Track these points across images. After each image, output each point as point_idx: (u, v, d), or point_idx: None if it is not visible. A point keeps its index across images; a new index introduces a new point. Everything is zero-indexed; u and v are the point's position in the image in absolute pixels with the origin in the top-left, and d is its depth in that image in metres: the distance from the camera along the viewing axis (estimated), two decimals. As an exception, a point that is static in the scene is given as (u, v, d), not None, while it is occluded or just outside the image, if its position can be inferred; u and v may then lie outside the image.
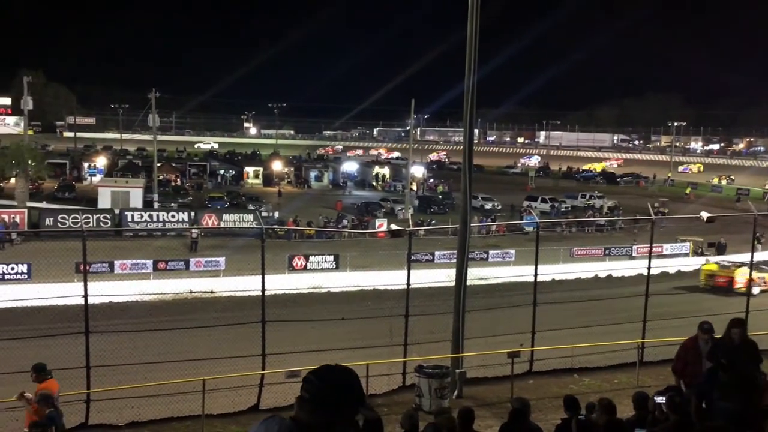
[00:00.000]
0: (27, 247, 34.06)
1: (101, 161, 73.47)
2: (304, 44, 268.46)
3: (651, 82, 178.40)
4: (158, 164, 61.31)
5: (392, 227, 34.93)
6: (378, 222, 50.49)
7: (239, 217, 47.41)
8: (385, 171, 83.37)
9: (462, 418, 7.85)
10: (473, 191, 17.38)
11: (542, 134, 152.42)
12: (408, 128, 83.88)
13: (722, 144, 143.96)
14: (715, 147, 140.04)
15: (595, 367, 17.43)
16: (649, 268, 19.27)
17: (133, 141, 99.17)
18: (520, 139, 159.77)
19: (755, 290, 27.97)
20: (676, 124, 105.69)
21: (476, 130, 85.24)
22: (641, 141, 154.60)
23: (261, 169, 78.37)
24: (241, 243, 35.46)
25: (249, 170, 77.62)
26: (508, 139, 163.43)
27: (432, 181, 79.00)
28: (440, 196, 65.76)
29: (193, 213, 47.62)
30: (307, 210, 53.29)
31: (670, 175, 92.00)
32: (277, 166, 79.62)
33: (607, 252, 42.17)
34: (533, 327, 17.39)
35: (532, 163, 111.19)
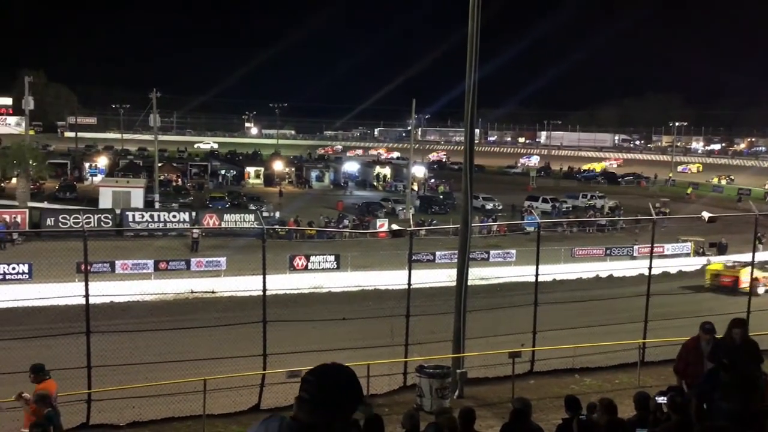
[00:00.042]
0: (28, 247, 34.06)
1: (102, 161, 73.44)
2: (306, 44, 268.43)
3: (652, 82, 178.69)
4: (159, 164, 61.28)
5: (393, 227, 34.88)
6: (379, 222, 50.49)
7: (240, 217, 47.42)
8: (386, 171, 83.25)
9: (463, 418, 7.85)
10: (474, 191, 17.36)
11: (543, 134, 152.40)
12: (409, 128, 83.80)
13: (723, 144, 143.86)
14: (717, 147, 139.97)
15: (597, 367, 17.43)
16: (650, 268, 19.28)
17: (134, 141, 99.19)
18: (521, 139, 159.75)
19: (760, 290, 28.03)
20: (677, 124, 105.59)
21: (477, 130, 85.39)
22: (642, 141, 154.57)
23: (262, 169, 78.36)
24: (242, 243, 35.44)
25: (250, 170, 77.64)
26: (509, 139, 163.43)
27: (433, 181, 78.92)
28: (441, 196, 65.70)
29: (194, 213, 47.65)
30: (308, 210, 53.27)
31: (671, 175, 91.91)
32: (278, 166, 79.58)
33: (609, 252, 42.14)
34: (534, 327, 17.39)
35: (531, 163, 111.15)
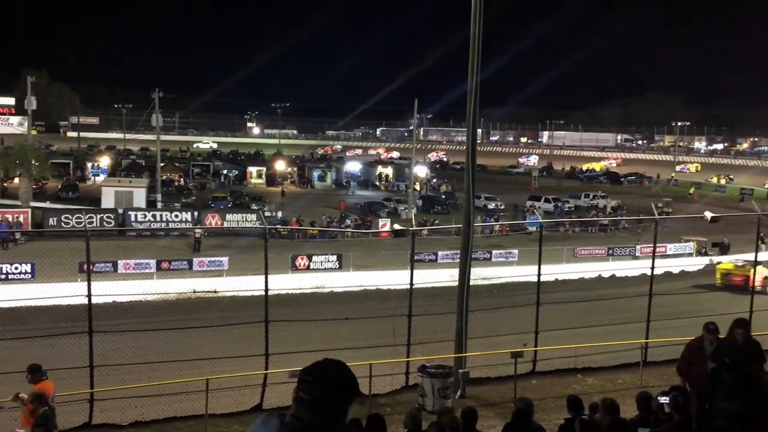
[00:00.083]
0: (31, 247, 34.07)
1: (105, 161, 73.43)
2: (308, 44, 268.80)
3: (654, 82, 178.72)
4: (161, 164, 61.32)
5: (395, 227, 34.99)
6: (381, 222, 50.48)
7: (242, 217, 47.44)
8: (388, 171, 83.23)
9: (465, 418, 7.85)
10: (476, 191, 17.33)
11: (545, 134, 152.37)
12: (411, 128, 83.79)
13: (726, 144, 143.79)
14: (719, 147, 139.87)
15: (599, 367, 17.40)
16: (652, 268, 19.27)
17: (137, 141, 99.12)
18: (524, 139, 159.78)
19: None
20: (679, 123, 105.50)
21: (479, 130, 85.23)
22: (644, 141, 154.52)
23: (264, 169, 78.32)
24: (245, 243, 35.48)
25: (252, 170, 77.61)
26: (512, 138, 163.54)
27: (435, 180, 78.88)
28: (443, 196, 65.69)
29: (196, 213, 47.66)
30: (310, 210, 53.25)
31: (673, 175, 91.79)
32: (280, 165, 79.55)
33: (611, 252, 42.13)
34: (536, 327, 17.39)
35: (530, 162, 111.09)
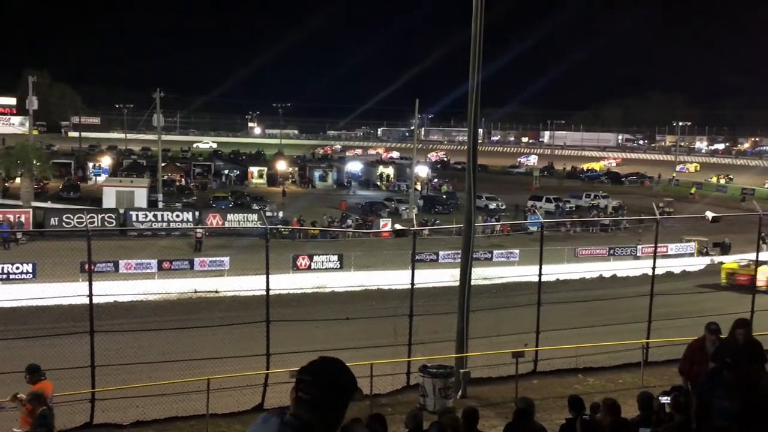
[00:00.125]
0: (32, 247, 34.12)
1: (106, 161, 73.51)
2: (309, 44, 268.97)
3: (655, 82, 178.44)
4: (163, 164, 61.41)
5: (396, 227, 35.00)
6: (382, 222, 50.50)
7: (243, 217, 47.48)
8: (389, 171, 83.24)
9: (466, 418, 7.85)
10: (477, 191, 17.33)
11: (546, 134, 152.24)
12: (412, 128, 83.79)
13: (727, 144, 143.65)
14: (720, 147, 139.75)
15: (600, 367, 17.39)
16: (654, 268, 19.27)
17: (138, 141, 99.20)
18: (525, 139, 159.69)
19: None
20: (680, 123, 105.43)
21: (480, 130, 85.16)
22: (646, 141, 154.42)
23: (265, 169, 78.36)
24: (246, 243, 35.50)
25: (253, 170, 77.66)
26: (513, 138, 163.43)
27: (436, 180, 78.89)
28: (444, 196, 65.70)
29: (197, 213, 47.72)
30: (312, 210, 53.27)
31: (674, 175, 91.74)
32: (281, 165, 79.56)
33: (612, 252, 42.12)
34: (537, 327, 17.37)
35: (529, 162, 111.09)
